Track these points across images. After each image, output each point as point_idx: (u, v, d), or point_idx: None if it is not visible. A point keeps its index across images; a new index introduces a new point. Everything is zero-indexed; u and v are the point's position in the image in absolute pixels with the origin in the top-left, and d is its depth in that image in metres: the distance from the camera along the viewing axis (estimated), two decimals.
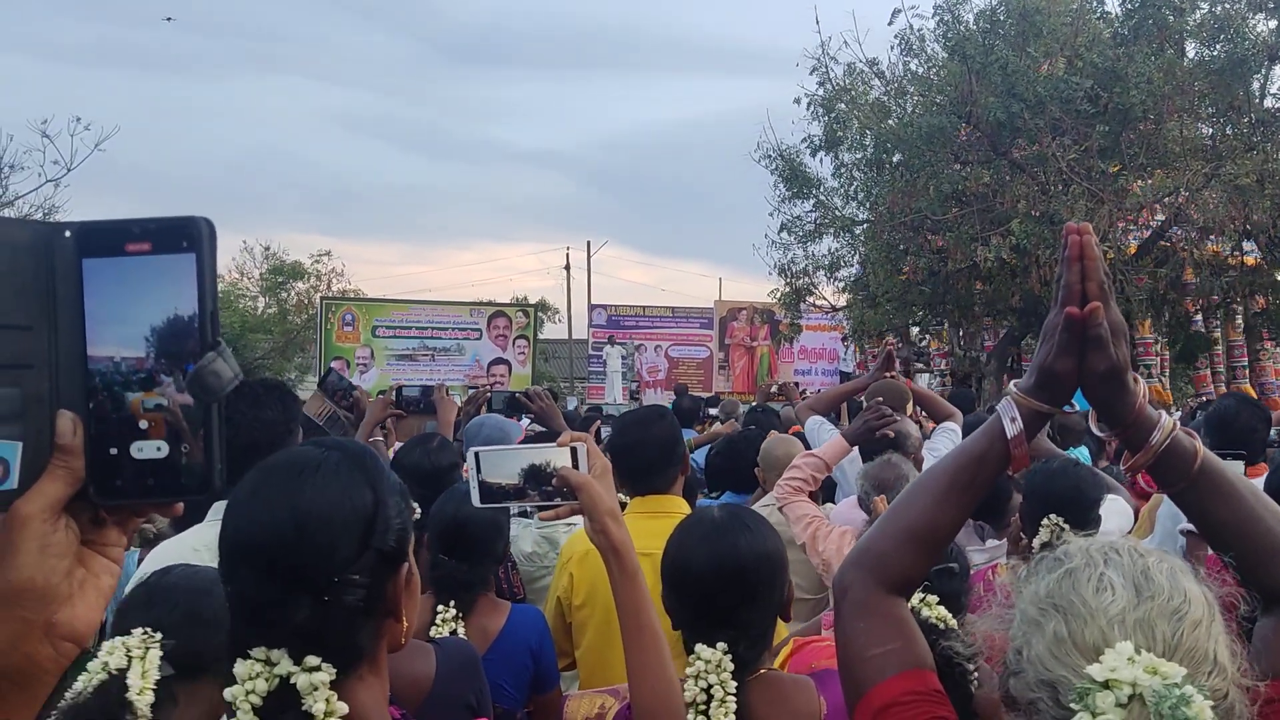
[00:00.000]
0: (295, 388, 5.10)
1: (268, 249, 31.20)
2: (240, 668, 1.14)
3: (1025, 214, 11.60)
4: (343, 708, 1.14)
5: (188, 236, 0.71)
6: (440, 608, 2.57)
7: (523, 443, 4.38)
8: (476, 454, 1.77)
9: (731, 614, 1.85)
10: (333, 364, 18.72)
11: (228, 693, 1.14)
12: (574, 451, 1.66)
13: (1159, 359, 14.83)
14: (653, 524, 2.92)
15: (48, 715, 1.44)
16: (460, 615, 2.57)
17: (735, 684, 1.77)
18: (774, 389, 12.93)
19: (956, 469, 1.38)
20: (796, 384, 13.40)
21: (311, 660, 1.14)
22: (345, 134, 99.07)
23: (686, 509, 3.03)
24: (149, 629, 1.54)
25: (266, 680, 1.14)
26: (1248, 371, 15.33)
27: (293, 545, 1.16)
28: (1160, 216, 12.81)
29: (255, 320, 29.27)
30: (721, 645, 1.79)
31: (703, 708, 1.76)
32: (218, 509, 2.49)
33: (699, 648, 1.80)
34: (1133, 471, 1.36)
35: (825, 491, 4.42)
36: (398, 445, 4.14)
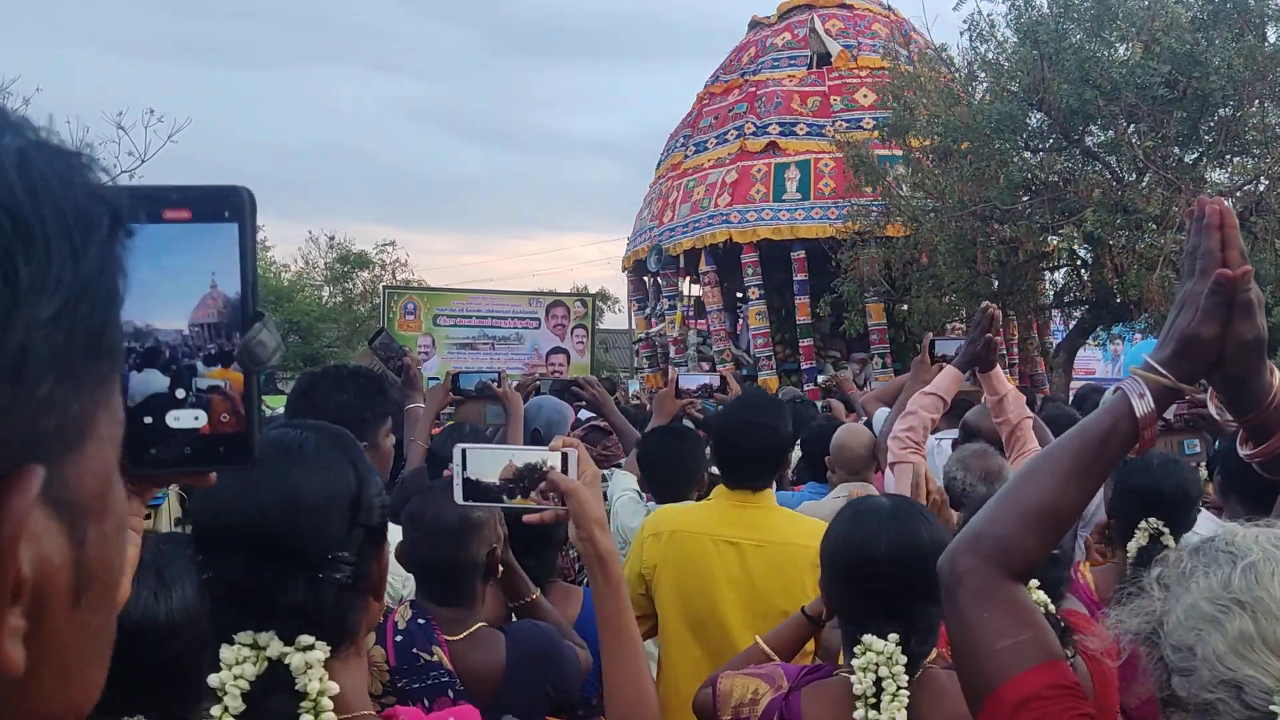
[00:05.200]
0: None
1: (332, 239, 31.65)
2: (227, 653, 1.14)
3: (1099, 203, 11.31)
4: (333, 687, 1.15)
5: (230, 206, 0.68)
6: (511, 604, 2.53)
7: (574, 428, 4.34)
8: (464, 450, 1.76)
9: (906, 606, 1.78)
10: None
11: (213, 679, 1.14)
12: (565, 457, 1.63)
13: None
14: (742, 513, 2.89)
15: None
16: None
17: (907, 677, 1.72)
18: (823, 380, 12.76)
19: (1080, 448, 1.29)
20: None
21: (305, 639, 1.15)
22: (409, 124, 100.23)
23: (774, 500, 3.00)
24: None
25: (254, 664, 1.14)
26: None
27: (286, 525, 1.17)
28: (1240, 205, 12.46)
29: (321, 310, 29.68)
30: (894, 637, 1.73)
31: (872, 700, 1.70)
32: None
33: (869, 639, 1.74)
34: (1255, 460, 1.27)
35: None
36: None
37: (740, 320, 16.24)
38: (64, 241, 0.44)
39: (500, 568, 2.26)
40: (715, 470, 4.19)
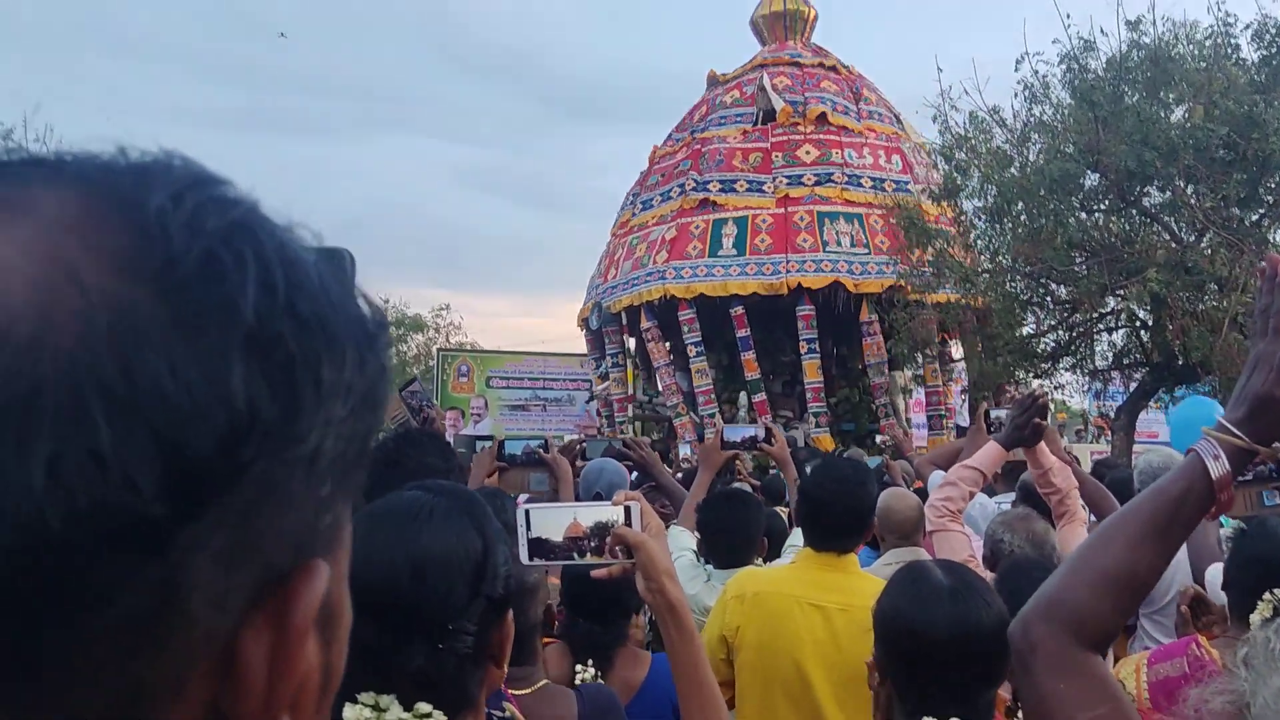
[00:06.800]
0: None
1: (387, 302, 32.13)
2: (349, 712, 1.14)
3: (1163, 263, 11.16)
4: None
5: None
6: (579, 667, 2.52)
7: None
8: (527, 510, 1.76)
9: (964, 687, 1.73)
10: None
11: None
12: (628, 510, 1.64)
13: None
14: (827, 576, 2.87)
15: None
16: (599, 674, 2.52)
17: None
18: (881, 439, 12.61)
19: (1154, 511, 1.25)
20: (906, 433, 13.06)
21: (423, 707, 1.14)
22: (462, 189, 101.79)
23: (858, 564, 2.96)
24: None
25: None
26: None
27: (410, 591, 1.16)
28: None
29: None
30: None
31: None
32: None
33: None
34: None
35: None
36: (524, 497, 4.11)
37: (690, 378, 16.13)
38: (354, 348, 0.45)
39: (556, 623, 2.25)
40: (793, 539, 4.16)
